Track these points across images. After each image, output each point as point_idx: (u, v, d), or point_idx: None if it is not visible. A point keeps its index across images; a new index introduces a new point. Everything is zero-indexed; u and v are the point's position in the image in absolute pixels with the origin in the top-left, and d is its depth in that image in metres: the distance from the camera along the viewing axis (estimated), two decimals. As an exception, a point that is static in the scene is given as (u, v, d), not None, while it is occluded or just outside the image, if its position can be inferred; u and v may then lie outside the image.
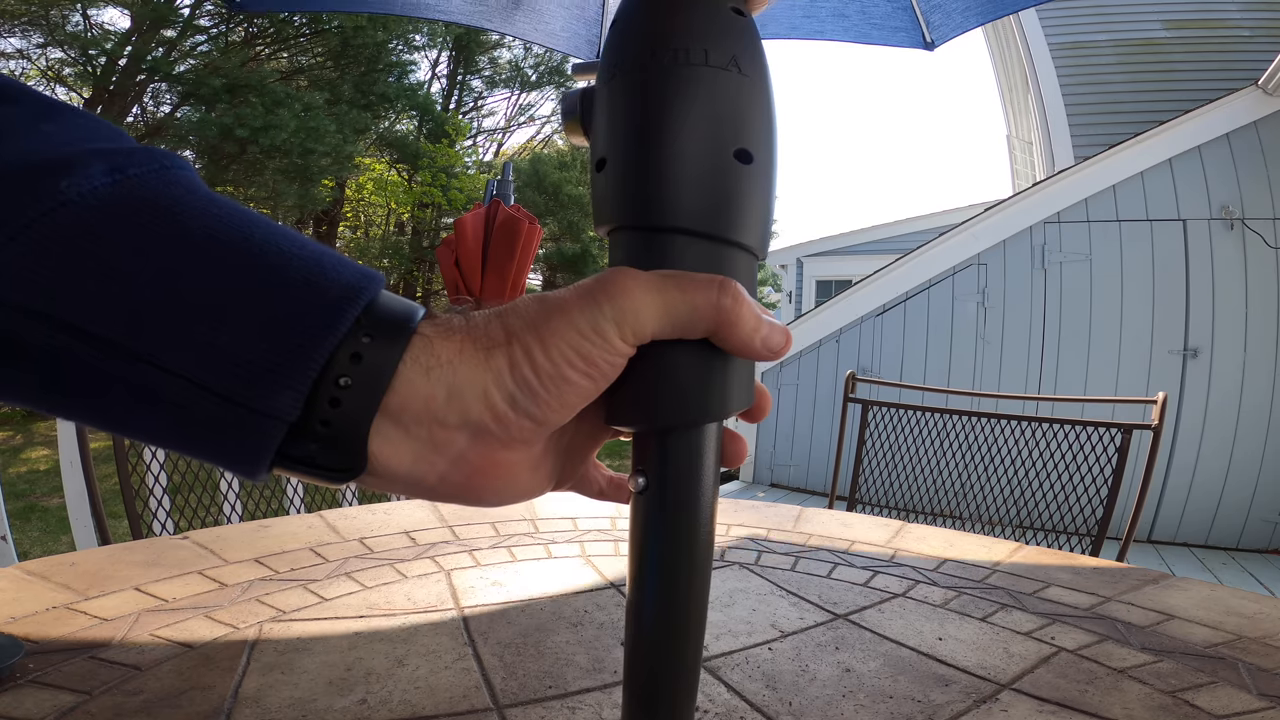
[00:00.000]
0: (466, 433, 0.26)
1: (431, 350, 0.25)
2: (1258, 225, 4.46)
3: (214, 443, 0.24)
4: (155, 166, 0.24)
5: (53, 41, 10.05)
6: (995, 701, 0.55)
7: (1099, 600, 0.77)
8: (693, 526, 0.31)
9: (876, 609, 0.73)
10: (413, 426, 0.25)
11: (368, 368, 0.24)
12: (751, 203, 0.29)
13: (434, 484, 0.27)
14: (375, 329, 0.25)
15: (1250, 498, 4.46)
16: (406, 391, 0.25)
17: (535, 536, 0.94)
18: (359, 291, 0.25)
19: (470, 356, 0.26)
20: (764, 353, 0.29)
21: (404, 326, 0.25)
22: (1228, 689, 0.57)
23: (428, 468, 0.26)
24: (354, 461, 0.25)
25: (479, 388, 0.26)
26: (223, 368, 0.23)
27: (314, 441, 0.24)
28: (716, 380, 0.30)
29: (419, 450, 0.26)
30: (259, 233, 0.24)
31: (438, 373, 0.25)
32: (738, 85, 0.29)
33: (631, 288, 0.26)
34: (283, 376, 0.23)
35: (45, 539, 5.01)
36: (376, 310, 0.25)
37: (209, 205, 0.24)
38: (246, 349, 0.23)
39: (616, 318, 0.26)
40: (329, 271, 0.25)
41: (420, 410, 0.25)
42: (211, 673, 0.54)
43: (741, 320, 0.27)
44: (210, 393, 0.23)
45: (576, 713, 0.51)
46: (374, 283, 0.26)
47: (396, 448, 0.25)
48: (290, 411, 0.23)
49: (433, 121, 14.01)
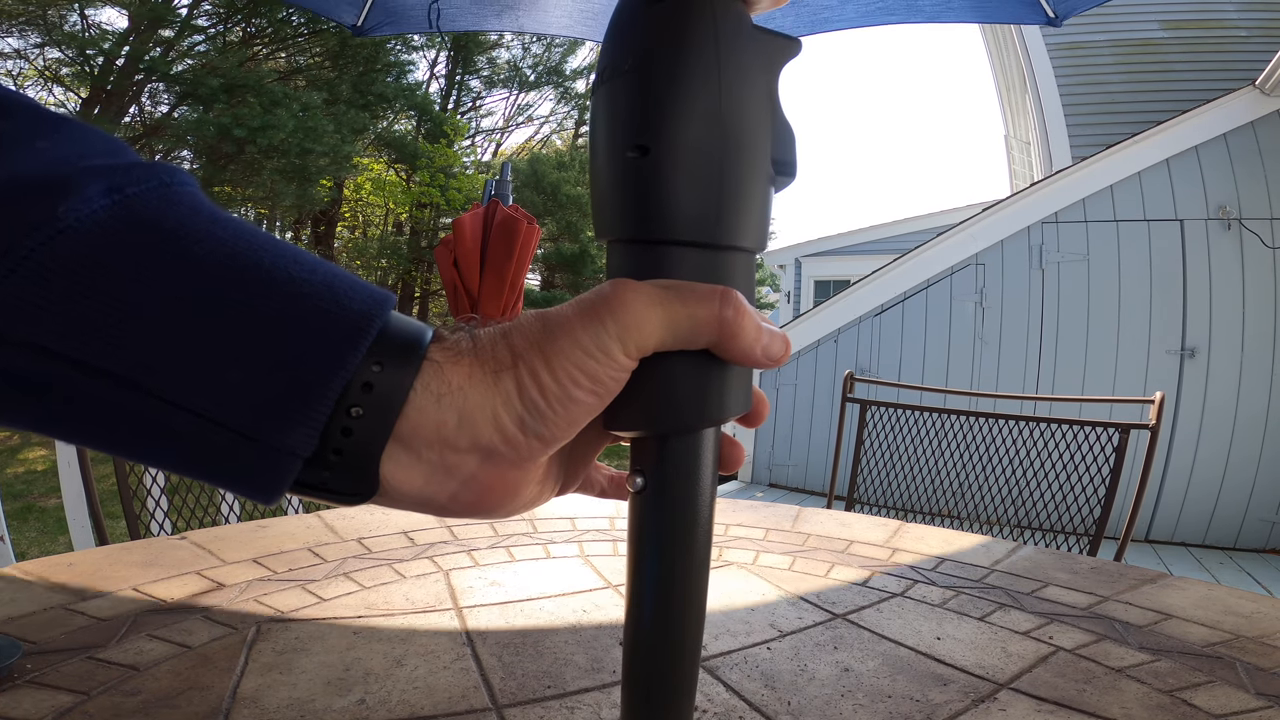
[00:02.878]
0: (477, 455, 0.26)
1: (442, 376, 0.25)
2: (1255, 225, 4.47)
3: (228, 475, 0.24)
4: (155, 184, 0.24)
5: (50, 41, 10.03)
6: (993, 701, 0.55)
7: (1097, 600, 0.77)
8: (691, 526, 0.31)
9: (875, 608, 0.73)
10: (424, 451, 0.25)
11: (379, 397, 0.24)
12: (663, 194, 0.28)
13: (445, 503, 0.27)
14: (386, 355, 0.25)
15: (1248, 497, 4.47)
16: (418, 418, 0.25)
17: (534, 536, 0.94)
18: (370, 320, 0.25)
19: (479, 381, 0.26)
20: (765, 361, 0.29)
21: (414, 351, 0.25)
22: (1225, 688, 0.57)
23: (439, 489, 0.26)
24: (366, 486, 0.25)
25: (489, 412, 0.26)
26: (236, 405, 0.23)
27: (327, 470, 0.24)
28: (715, 386, 0.30)
29: (430, 473, 0.26)
30: (268, 258, 0.24)
31: (449, 399, 0.25)
32: (627, 86, 0.29)
33: (633, 302, 0.26)
34: (297, 413, 0.23)
35: (43, 540, 5.00)
36: (388, 335, 0.25)
37: (214, 227, 0.24)
38: (260, 387, 0.23)
39: (620, 334, 0.26)
40: (342, 298, 0.25)
41: (431, 436, 0.25)
42: (209, 673, 0.54)
43: (743, 331, 0.28)
44: (224, 428, 0.23)
45: (575, 712, 0.51)
46: (385, 307, 0.26)
47: (408, 471, 0.26)
48: (305, 447, 0.23)
49: (431, 121, 14.00)
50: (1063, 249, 4.93)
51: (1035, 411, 1.72)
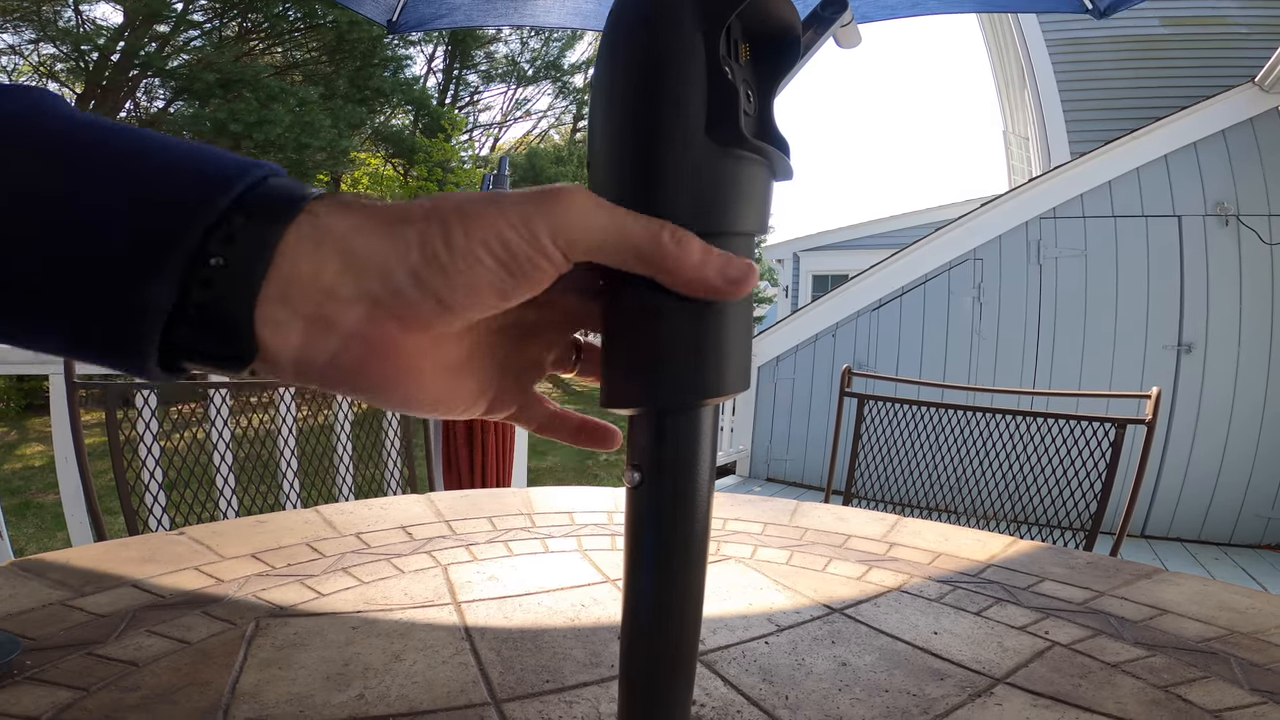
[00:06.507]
0: (362, 306, 0.25)
1: (320, 224, 0.24)
2: (1252, 222, 4.47)
3: (98, 341, 0.24)
4: (29, 101, 0.25)
5: (45, 38, 9.98)
6: (990, 696, 0.55)
7: (1093, 595, 0.78)
8: (688, 521, 0.31)
9: (872, 603, 0.74)
10: (301, 304, 0.24)
11: (242, 245, 0.23)
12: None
13: (323, 366, 0.25)
14: (256, 209, 0.24)
15: (1243, 493, 4.49)
16: (290, 268, 0.24)
17: (532, 531, 0.94)
18: (233, 178, 0.24)
19: (372, 230, 0.25)
20: (721, 284, 0.27)
21: (290, 206, 0.24)
22: (1220, 684, 0.58)
23: (318, 347, 0.25)
24: (240, 347, 0.24)
25: (380, 258, 0.24)
26: (90, 263, 0.23)
27: (187, 326, 0.23)
28: (712, 357, 0.29)
29: (307, 329, 0.24)
30: (131, 139, 0.24)
31: (330, 245, 0.24)
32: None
33: (573, 196, 0.26)
34: (150, 265, 0.23)
35: (41, 535, 5.00)
36: (260, 193, 0.24)
37: (80, 119, 0.24)
38: (115, 243, 0.23)
39: (551, 221, 0.25)
40: (206, 163, 0.24)
41: (308, 283, 0.24)
42: (209, 669, 0.54)
43: (686, 253, 0.27)
44: (83, 290, 0.23)
45: (574, 706, 0.52)
46: (258, 169, 0.25)
47: (285, 329, 0.24)
48: (164, 298, 0.23)
49: (429, 116, 13.97)
50: (1060, 244, 4.94)
51: (1032, 406, 1.73)
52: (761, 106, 0.31)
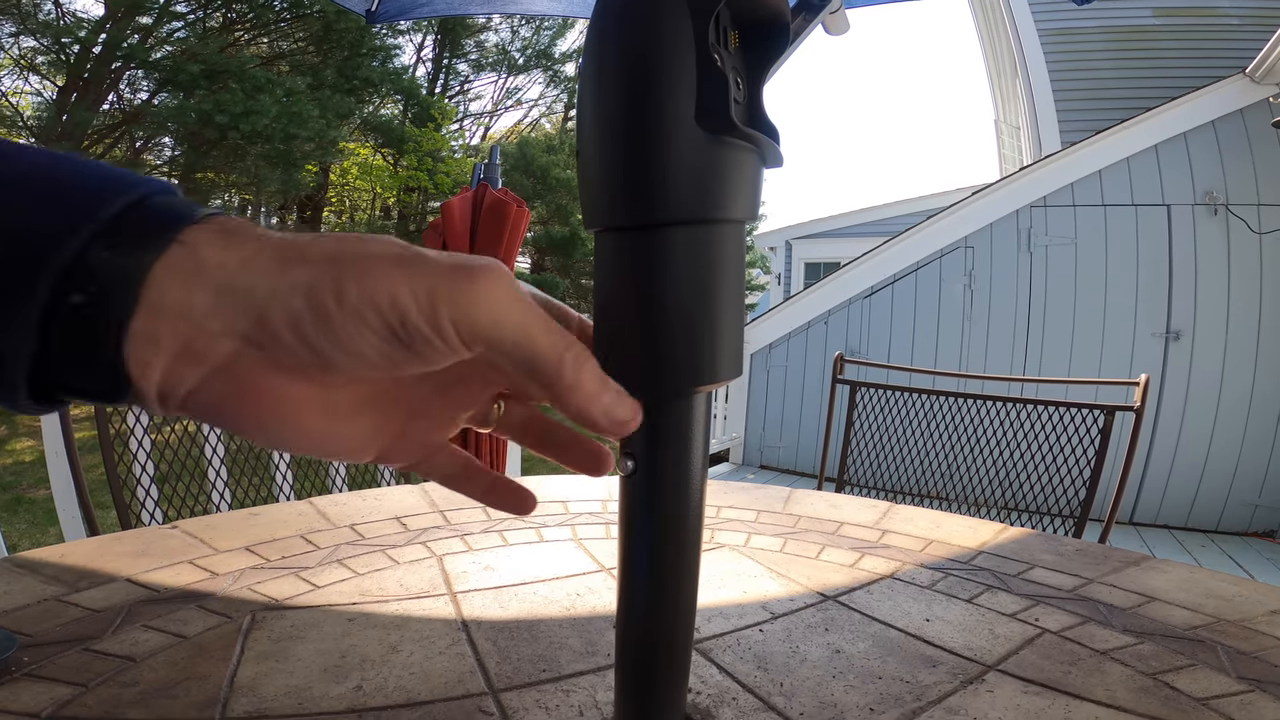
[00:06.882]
0: (230, 342, 0.23)
1: (195, 255, 0.23)
2: (1241, 211, 4.50)
3: None
4: None
5: (25, 30, 9.82)
6: (981, 682, 0.56)
7: (1082, 582, 0.79)
8: (682, 509, 0.31)
9: (865, 590, 0.74)
10: (166, 337, 0.23)
11: (104, 280, 0.22)
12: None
13: (182, 398, 0.24)
14: (122, 239, 0.22)
15: (1230, 480, 4.54)
16: (158, 300, 0.22)
17: (526, 520, 0.94)
18: (102, 204, 0.22)
19: (260, 266, 0.23)
20: (606, 424, 0.27)
21: (161, 234, 0.23)
22: (1207, 671, 0.58)
23: (180, 378, 0.23)
24: (111, 383, 0.23)
25: (259, 298, 0.23)
26: None
27: (53, 366, 0.22)
28: (704, 344, 0.29)
29: (171, 363, 0.23)
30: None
31: (202, 278, 0.23)
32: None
33: (495, 288, 0.24)
34: (6, 312, 0.22)
35: (33, 531, 4.97)
36: (134, 217, 0.23)
37: None
38: None
39: (456, 302, 0.23)
40: (62, 186, 0.22)
41: (176, 318, 0.22)
42: (206, 662, 0.54)
43: (580, 382, 0.26)
44: None
45: (571, 695, 0.52)
46: (133, 189, 0.23)
47: (150, 364, 0.23)
48: (22, 348, 0.22)
49: (418, 105, 13.85)
50: (1051, 233, 4.96)
51: (1022, 393, 1.74)
52: (751, 94, 0.30)
